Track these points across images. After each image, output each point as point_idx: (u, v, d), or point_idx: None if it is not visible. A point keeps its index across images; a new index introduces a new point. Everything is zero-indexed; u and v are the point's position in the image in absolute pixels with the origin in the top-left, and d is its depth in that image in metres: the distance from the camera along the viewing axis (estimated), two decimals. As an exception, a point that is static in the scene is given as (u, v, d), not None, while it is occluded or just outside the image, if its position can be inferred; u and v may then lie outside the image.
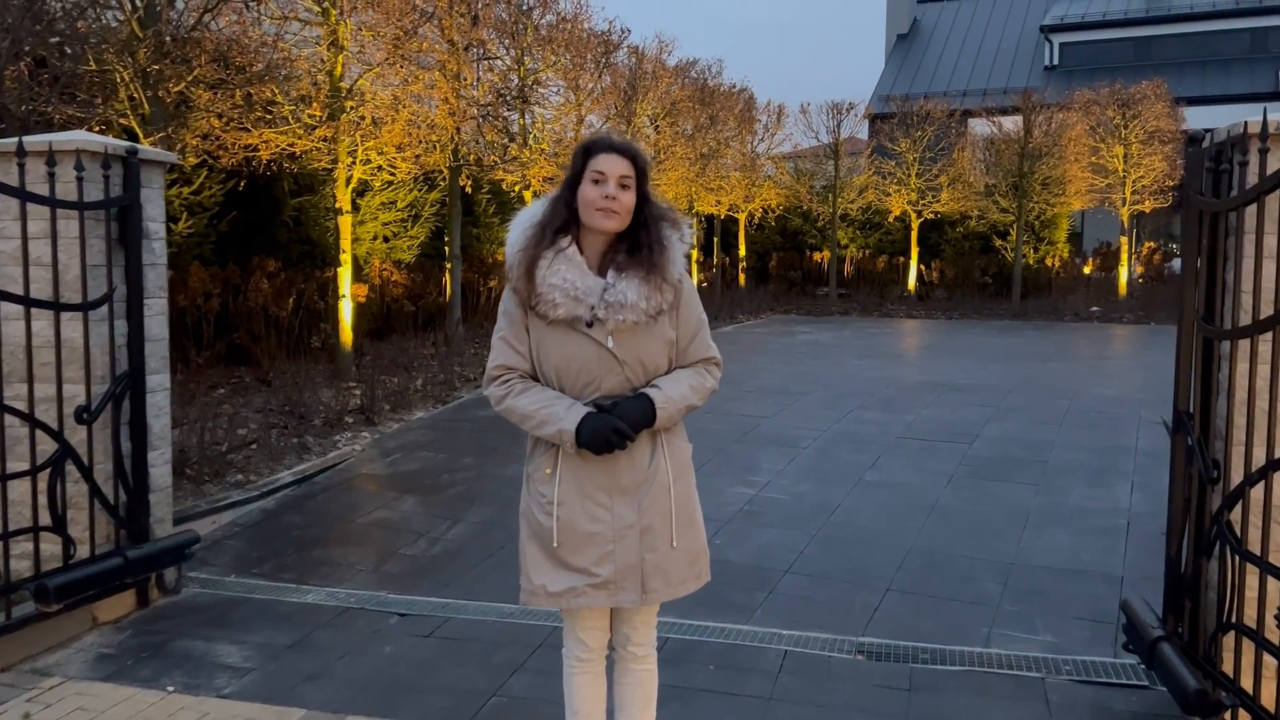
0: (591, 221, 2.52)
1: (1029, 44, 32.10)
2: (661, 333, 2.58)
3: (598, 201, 2.50)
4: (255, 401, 8.05)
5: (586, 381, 2.54)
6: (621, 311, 2.50)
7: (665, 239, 2.59)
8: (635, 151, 2.58)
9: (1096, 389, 9.32)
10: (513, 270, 2.60)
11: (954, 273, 19.19)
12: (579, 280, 2.51)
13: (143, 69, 6.42)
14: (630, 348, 2.53)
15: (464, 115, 9.95)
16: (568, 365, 2.54)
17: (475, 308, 12.90)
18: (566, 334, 2.53)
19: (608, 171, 2.50)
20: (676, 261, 2.61)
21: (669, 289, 2.57)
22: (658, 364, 2.59)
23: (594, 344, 2.52)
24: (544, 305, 2.52)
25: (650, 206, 2.60)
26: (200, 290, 8.37)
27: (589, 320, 2.51)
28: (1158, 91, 17.77)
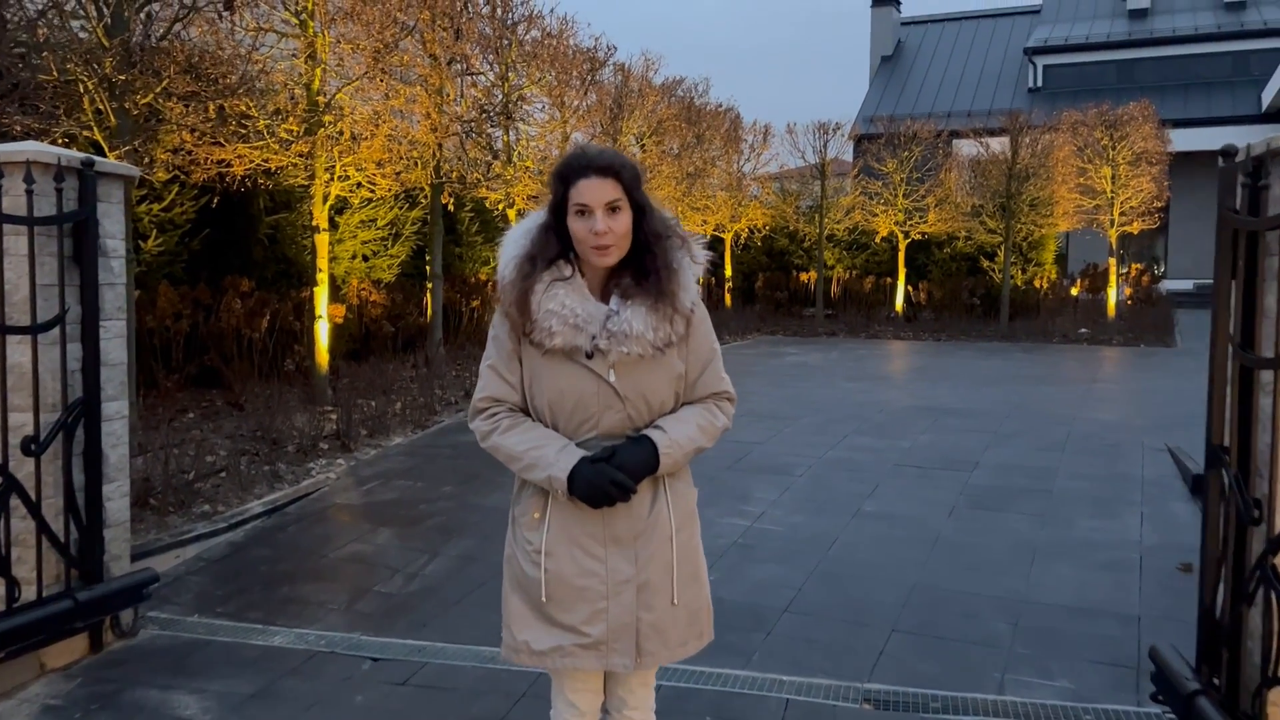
0: (588, 259, 2.25)
1: (1013, 66, 32.18)
2: (669, 366, 2.30)
3: (588, 240, 2.20)
4: (226, 427, 7.73)
5: (583, 418, 2.26)
6: (625, 343, 2.21)
7: (674, 261, 2.30)
8: (618, 165, 2.25)
9: (1094, 414, 9.10)
10: (505, 295, 2.32)
11: (941, 294, 19.03)
12: (579, 306, 2.23)
13: (108, 79, 6.13)
14: (633, 382, 2.25)
15: (446, 131, 9.69)
16: (562, 399, 2.26)
17: (457, 328, 12.61)
18: (563, 365, 2.25)
19: (591, 202, 2.19)
20: (689, 287, 2.31)
21: (680, 320, 2.28)
22: (663, 400, 2.31)
23: (593, 377, 2.24)
24: (540, 333, 2.24)
25: (650, 220, 2.30)
26: (169, 310, 8.05)
27: (589, 351, 2.23)
28: (1145, 113, 17.72)
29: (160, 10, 6.72)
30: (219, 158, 7.53)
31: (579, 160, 2.25)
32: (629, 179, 2.26)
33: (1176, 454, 7.06)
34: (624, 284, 2.27)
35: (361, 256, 11.03)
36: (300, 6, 8.01)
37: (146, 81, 6.47)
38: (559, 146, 12.15)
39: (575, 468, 2.19)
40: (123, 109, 6.32)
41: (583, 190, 2.21)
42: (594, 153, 2.26)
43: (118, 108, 6.28)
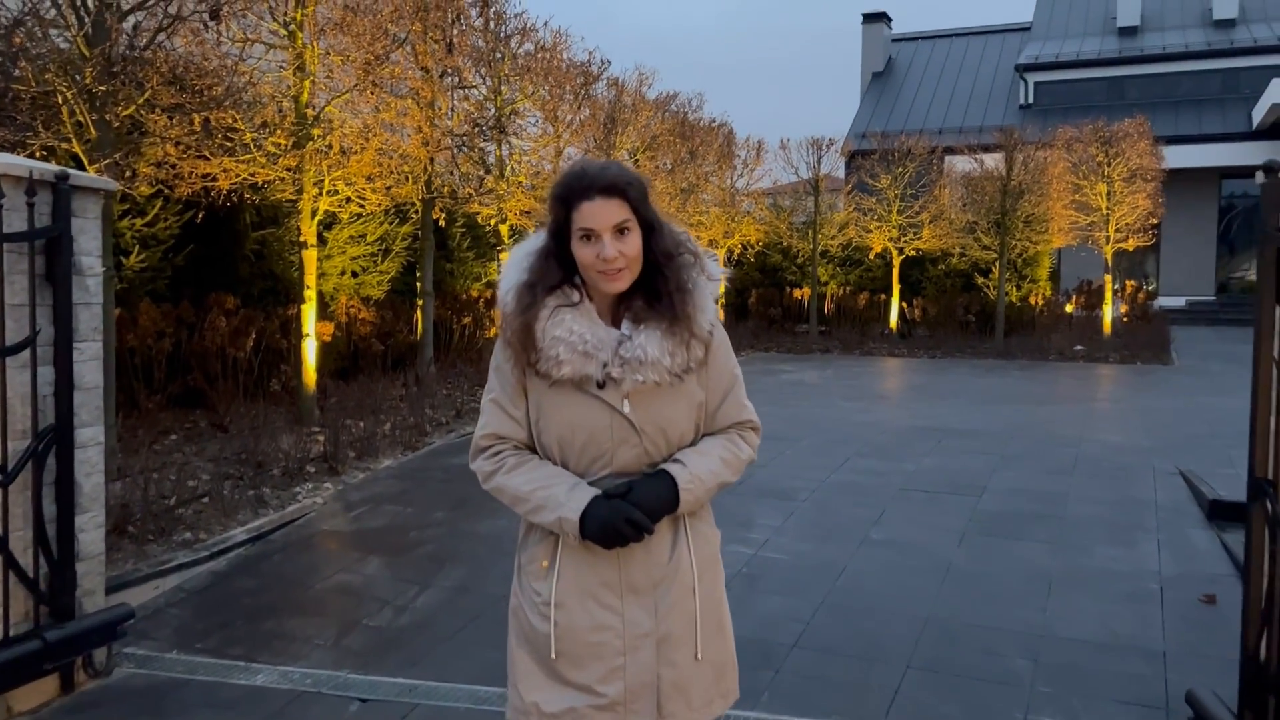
0: (597, 286, 2.05)
1: (1004, 82, 32.18)
2: (688, 394, 2.10)
3: (595, 265, 2.01)
4: (209, 449, 7.48)
5: (596, 455, 2.05)
6: (640, 370, 2.01)
7: (689, 281, 2.10)
8: (624, 183, 2.04)
9: (1100, 435, 8.92)
10: (507, 324, 2.11)
11: (936, 310, 18.89)
12: (589, 332, 2.03)
13: (88, 90, 5.91)
14: (650, 413, 2.05)
15: (438, 145, 9.49)
16: (573, 435, 2.05)
17: (448, 346, 12.38)
18: (572, 397, 2.04)
19: (597, 226, 2.00)
20: (706, 308, 2.11)
21: (698, 344, 2.08)
22: (682, 432, 2.11)
23: (606, 409, 2.03)
24: (547, 363, 2.03)
25: (660, 238, 2.10)
26: (152, 329, 7.80)
27: (600, 380, 2.03)
28: (1140, 129, 17.64)
29: (144, 20, 6.51)
30: (204, 171, 7.31)
31: (580, 180, 2.04)
32: (636, 196, 2.06)
33: (1190, 478, 6.88)
34: (636, 307, 2.07)
35: (350, 273, 10.80)
36: (289, 18, 7.81)
37: (129, 92, 6.25)
38: (552, 161, 11.98)
39: (588, 507, 1.98)
40: (103, 121, 6.10)
41: (586, 214, 2.01)
42: (595, 170, 2.05)
43: (98, 119, 6.06)
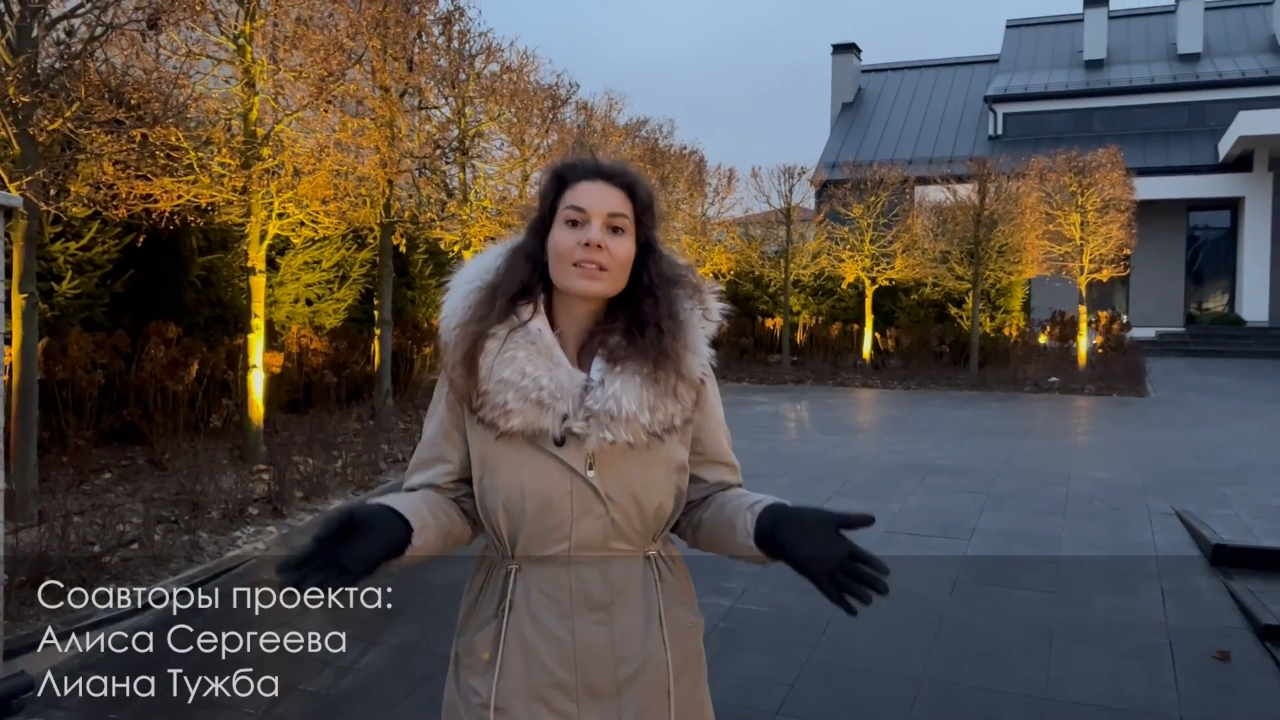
0: (566, 282, 1.62)
1: (973, 113, 32.29)
2: (667, 457, 1.67)
3: (574, 252, 1.60)
4: (144, 489, 6.96)
5: (552, 525, 1.62)
6: (610, 427, 1.59)
7: (680, 312, 1.69)
8: (632, 178, 1.67)
9: (1088, 471, 8.60)
10: (448, 353, 1.67)
11: (909, 341, 18.63)
12: (545, 375, 1.60)
13: (10, 101, 5.44)
14: (620, 478, 1.62)
15: (398, 167, 9.07)
16: (523, 500, 1.61)
17: (408, 377, 11.89)
18: (523, 454, 1.61)
19: (590, 208, 1.61)
20: (699, 349, 1.70)
21: (688, 391, 1.66)
22: (660, 501, 1.67)
23: (565, 471, 1.60)
24: (491, 410, 1.60)
25: (656, 260, 1.70)
26: (83, 359, 7.28)
27: (559, 436, 1.60)
28: (1113, 159, 17.57)
29: (77, 27, 6.06)
30: (143, 192, 6.84)
31: (585, 161, 1.66)
32: (642, 199, 1.67)
33: (1187, 519, 6.55)
34: (611, 343, 1.64)
35: (304, 300, 10.31)
36: (237, 30, 7.38)
37: (57, 105, 5.79)
38: (518, 186, 11.59)
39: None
40: (26, 135, 5.63)
41: (581, 192, 1.63)
42: (605, 159, 1.68)
43: (20, 134, 5.58)
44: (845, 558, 1.50)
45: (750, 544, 1.61)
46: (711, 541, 1.74)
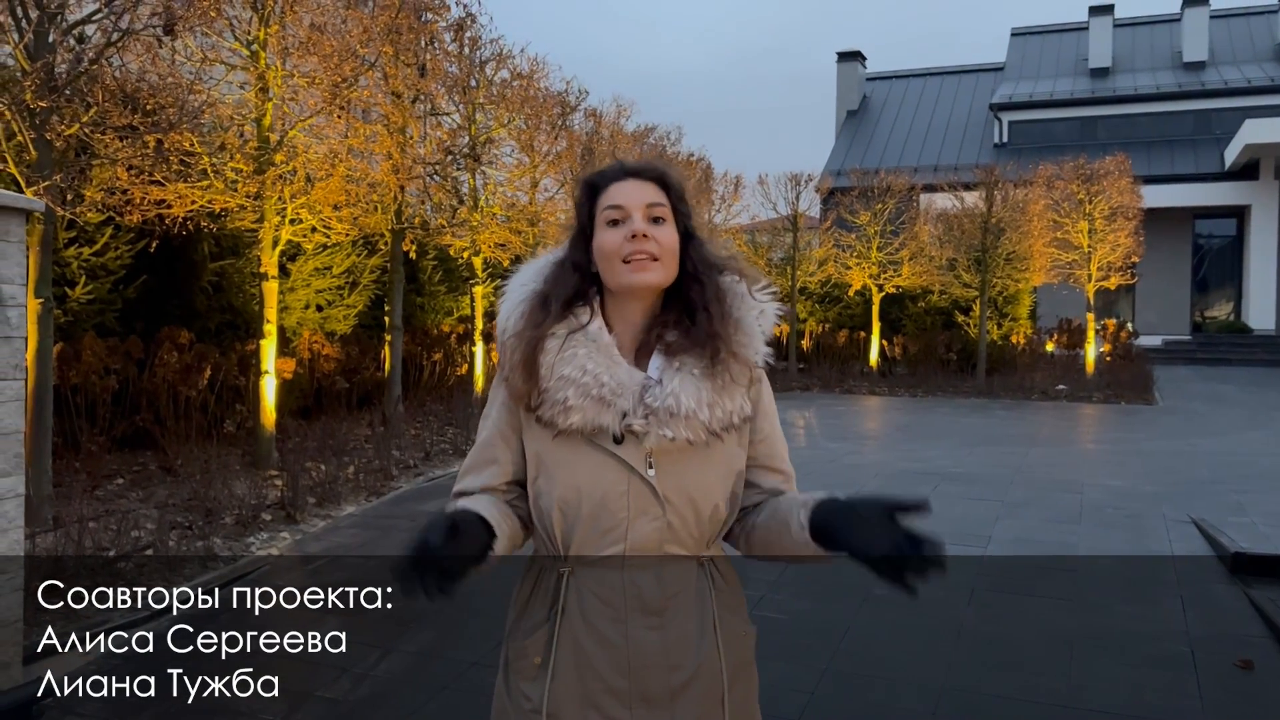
0: (620, 280, 1.61)
1: (978, 121, 32.32)
2: (726, 458, 1.65)
3: (622, 249, 1.59)
4: (157, 495, 6.95)
5: (607, 527, 1.60)
6: (670, 424, 1.57)
7: (730, 295, 1.68)
8: (661, 169, 1.67)
9: (1100, 479, 8.57)
10: (506, 357, 1.66)
11: (916, 348, 18.61)
12: (606, 372, 1.59)
13: (28, 106, 5.45)
14: (678, 479, 1.60)
15: (409, 173, 9.07)
16: (579, 500, 1.59)
17: (418, 383, 11.89)
18: (581, 452, 1.60)
19: (628, 203, 1.61)
20: (753, 330, 1.67)
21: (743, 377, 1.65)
22: (716, 504, 1.64)
23: (624, 470, 1.59)
24: (551, 408, 1.59)
25: (699, 247, 1.68)
26: (96, 365, 7.28)
27: (618, 434, 1.59)
28: (1121, 167, 17.57)
29: (93, 33, 6.06)
30: (157, 197, 6.84)
31: (613, 167, 1.66)
32: (675, 187, 1.66)
33: (1204, 527, 6.52)
34: (670, 338, 1.63)
35: (315, 306, 10.32)
36: (251, 36, 7.39)
37: (73, 110, 5.80)
38: (528, 192, 11.60)
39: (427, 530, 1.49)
40: (44, 140, 5.63)
41: (616, 192, 1.63)
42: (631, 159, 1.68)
43: (38, 139, 5.59)
44: (902, 541, 1.48)
45: (807, 538, 1.58)
46: (766, 545, 1.72)
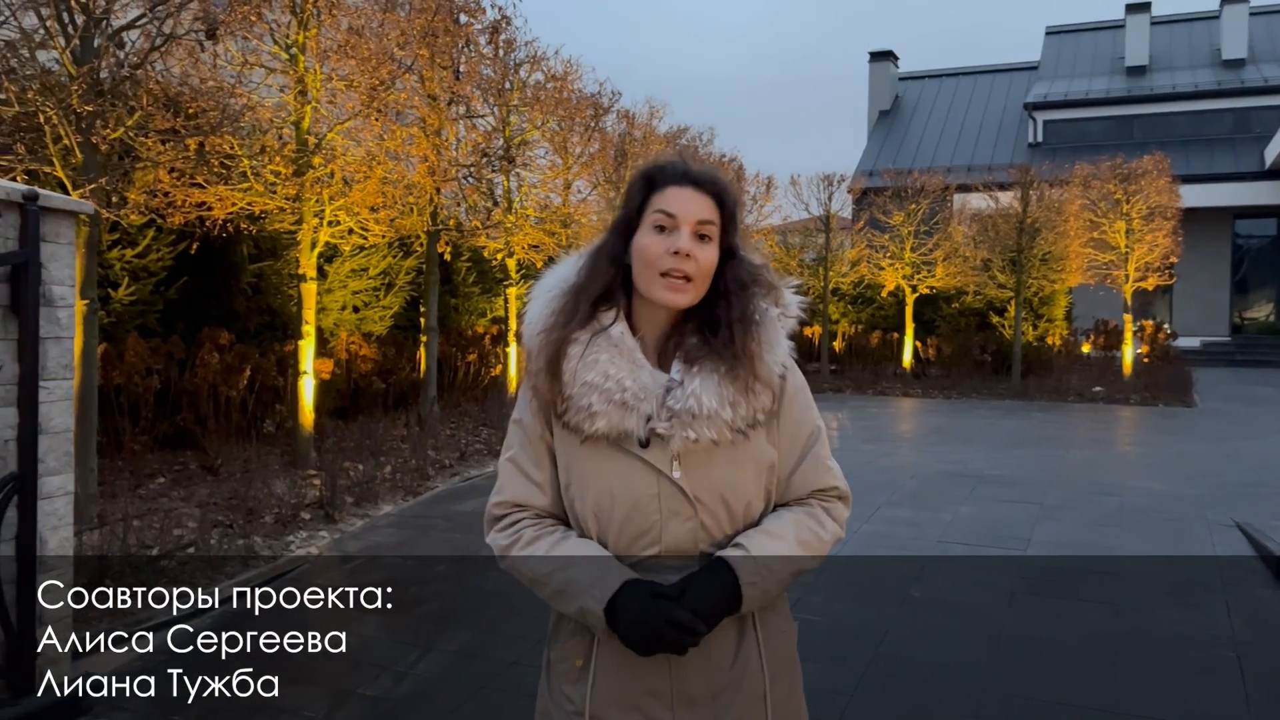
0: (652, 292, 1.62)
1: (1012, 121, 32.01)
2: (755, 454, 1.65)
3: (662, 261, 1.60)
4: (198, 494, 7.04)
5: (641, 530, 1.61)
6: (693, 425, 1.58)
7: (756, 311, 1.68)
8: (722, 185, 1.67)
9: (1141, 482, 8.48)
10: (531, 360, 1.68)
11: (950, 350, 18.46)
12: (628, 377, 1.60)
13: (74, 110, 5.53)
14: (707, 478, 1.61)
15: (445, 175, 9.13)
16: (612, 505, 1.61)
17: (452, 384, 11.96)
18: (609, 458, 1.61)
19: (680, 214, 1.61)
20: (775, 346, 1.69)
21: (764, 390, 1.66)
22: (748, 501, 1.66)
23: (652, 473, 1.60)
24: (576, 414, 1.61)
25: (737, 267, 1.69)
26: (139, 365, 7.38)
27: (644, 438, 1.60)
28: (1159, 166, 17.34)
29: (136, 38, 6.15)
30: (198, 200, 6.93)
31: (676, 166, 1.66)
32: (730, 208, 1.67)
33: (1248, 531, 6.43)
34: (690, 344, 1.64)
35: (352, 308, 10.40)
36: (290, 40, 7.47)
37: (118, 114, 5.88)
38: (561, 194, 11.63)
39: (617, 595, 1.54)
40: (90, 144, 5.72)
41: (672, 197, 1.63)
42: (695, 163, 1.67)
43: (84, 142, 5.68)
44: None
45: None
46: None
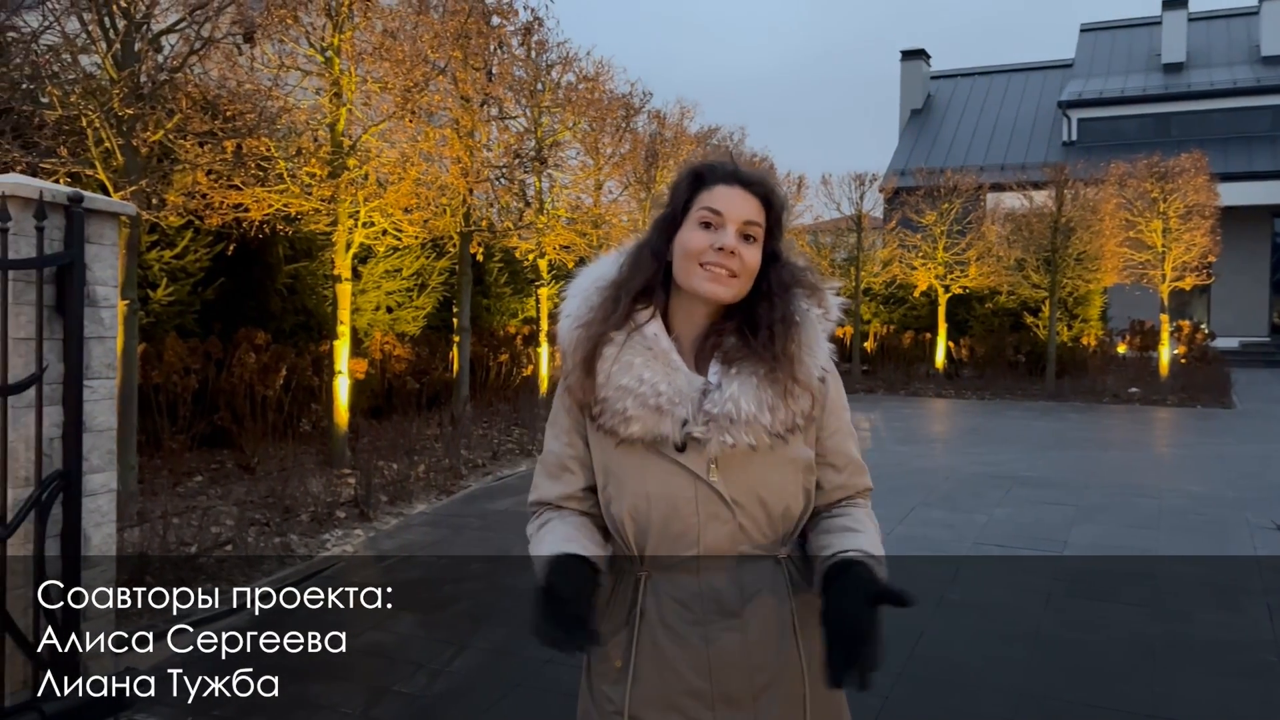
0: (692, 283, 1.60)
1: (1046, 119, 31.71)
2: (793, 456, 1.63)
3: (705, 254, 1.58)
4: (236, 492, 7.12)
5: (679, 532, 1.60)
6: (730, 430, 1.57)
7: (798, 313, 1.67)
8: (770, 187, 1.66)
9: (1179, 484, 8.37)
10: (566, 358, 1.67)
11: (984, 350, 18.31)
12: (664, 380, 1.58)
13: (115, 113, 5.61)
14: (745, 482, 1.60)
15: (478, 176, 9.17)
16: (649, 508, 1.60)
17: (484, 384, 12.02)
18: (646, 460, 1.60)
19: (727, 212, 1.60)
20: (816, 349, 1.67)
21: (804, 394, 1.64)
22: (787, 505, 1.64)
23: (689, 477, 1.58)
24: (611, 417, 1.60)
25: (780, 270, 1.68)
26: (178, 365, 7.48)
27: (680, 442, 1.58)
28: (1197, 164, 17.11)
29: (175, 43, 6.23)
30: (235, 201, 7.00)
31: (725, 165, 1.65)
32: (777, 209, 1.66)
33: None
34: (728, 344, 1.63)
35: (386, 308, 10.48)
36: (325, 43, 7.54)
37: (158, 117, 5.96)
38: (592, 195, 11.66)
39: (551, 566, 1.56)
40: (130, 146, 5.80)
41: (720, 195, 1.62)
42: (744, 165, 1.68)
43: (125, 145, 5.76)
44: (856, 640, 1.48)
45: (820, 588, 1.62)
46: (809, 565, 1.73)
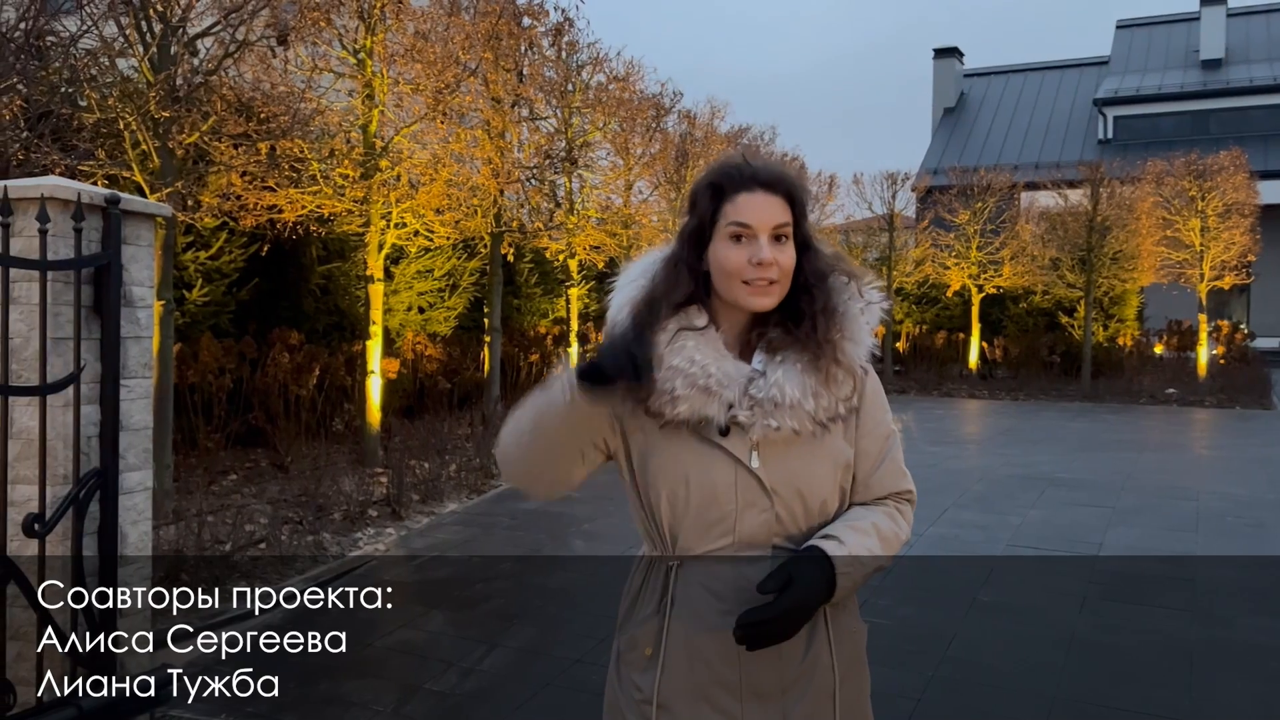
0: (737, 299, 1.61)
1: (1080, 117, 31.37)
2: (833, 451, 1.64)
3: (744, 271, 1.59)
4: (269, 490, 7.19)
5: (715, 518, 1.61)
6: (775, 414, 1.58)
7: (840, 304, 1.66)
8: (790, 182, 1.64)
9: (1218, 486, 8.24)
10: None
11: (1018, 350, 18.13)
12: (714, 364, 1.60)
13: (151, 116, 5.69)
14: (785, 470, 1.61)
15: (508, 177, 9.20)
16: (687, 492, 1.61)
17: (515, 384, 12.06)
18: (688, 444, 1.61)
19: (756, 223, 1.59)
20: (860, 338, 1.66)
21: (847, 380, 1.64)
22: (823, 498, 1.64)
23: (730, 462, 1.59)
24: (659, 398, 1.60)
25: (813, 259, 1.67)
26: (213, 365, 7.57)
27: (724, 425, 1.59)
28: (1237, 162, 16.85)
29: (210, 46, 6.30)
30: (269, 203, 7.07)
31: (741, 170, 1.63)
32: (800, 203, 1.64)
33: (1333, 537, 6.23)
34: (771, 335, 1.64)
35: (417, 308, 10.55)
36: (358, 45, 7.60)
37: (193, 119, 6.03)
38: (622, 195, 11.67)
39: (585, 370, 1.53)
40: (166, 148, 5.87)
41: (744, 207, 1.60)
42: (759, 162, 1.65)
43: (161, 147, 5.83)
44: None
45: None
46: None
